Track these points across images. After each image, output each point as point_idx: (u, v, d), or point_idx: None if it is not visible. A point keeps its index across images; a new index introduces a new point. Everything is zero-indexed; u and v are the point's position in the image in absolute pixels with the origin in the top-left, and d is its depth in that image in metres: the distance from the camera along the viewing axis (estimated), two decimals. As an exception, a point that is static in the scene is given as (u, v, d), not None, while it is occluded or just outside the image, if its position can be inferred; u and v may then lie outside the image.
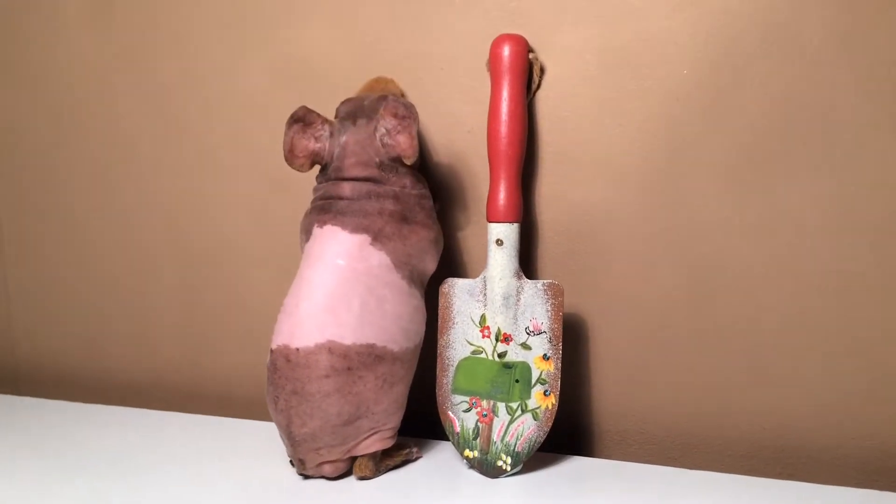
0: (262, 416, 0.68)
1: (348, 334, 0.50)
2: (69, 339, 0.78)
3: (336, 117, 0.55)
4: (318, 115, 0.54)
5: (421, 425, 0.60)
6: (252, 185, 0.68)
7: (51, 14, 0.73)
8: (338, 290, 0.50)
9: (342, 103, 0.56)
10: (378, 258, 0.51)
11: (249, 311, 0.70)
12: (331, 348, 0.49)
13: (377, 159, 0.53)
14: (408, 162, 0.52)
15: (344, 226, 0.52)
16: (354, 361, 0.50)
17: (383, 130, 0.52)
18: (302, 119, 0.54)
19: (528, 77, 0.56)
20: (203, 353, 0.73)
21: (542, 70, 0.57)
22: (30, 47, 0.75)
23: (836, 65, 0.51)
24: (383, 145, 0.53)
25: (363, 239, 0.51)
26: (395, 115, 0.52)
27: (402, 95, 0.60)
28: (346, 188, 0.53)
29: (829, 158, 0.52)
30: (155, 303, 0.74)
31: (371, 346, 0.50)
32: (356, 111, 0.54)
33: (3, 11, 0.75)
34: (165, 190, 0.72)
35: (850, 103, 0.51)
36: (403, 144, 0.52)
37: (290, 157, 0.54)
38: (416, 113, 0.51)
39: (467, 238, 0.61)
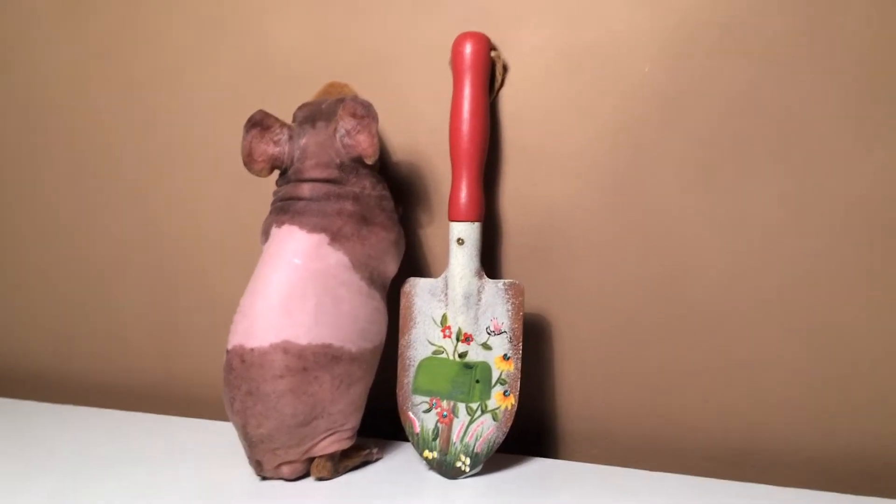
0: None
1: (303, 334, 0.49)
2: (42, 339, 0.78)
3: (294, 122, 0.55)
4: (276, 119, 0.53)
5: (382, 425, 0.60)
6: (223, 182, 0.68)
7: (25, 10, 0.73)
8: (293, 290, 0.50)
9: (299, 108, 0.55)
10: (336, 258, 0.51)
11: (220, 310, 0.69)
12: (285, 348, 0.49)
13: (337, 160, 0.52)
14: (368, 161, 0.52)
15: (302, 225, 0.51)
16: (310, 361, 0.49)
17: (343, 131, 0.52)
18: (259, 123, 0.53)
19: (492, 75, 0.56)
20: (174, 353, 0.72)
21: (505, 68, 0.57)
22: (2, 43, 0.75)
23: (798, 60, 0.51)
24: (343, 146, 0.52)
25: (321, 238, 0.51)
26: (354, 115, 0.52)
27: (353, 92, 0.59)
28: (306, 189, 0.52)
29: (791, 154, 0.52)
30: (126, 302, 0.74)
31: (327, 347, 0.50)
32: (315, 114, 0.54)
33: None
34: (138, 186, 0.72)
35: (812, 99, 0.51)
36: (364, 144, 0.52)
37: (249, 161, 0.53)
38: (375, 112, 0.51)
39: (431, 237, 0.61)
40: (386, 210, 0.54)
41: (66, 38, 0.72)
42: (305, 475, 0.52)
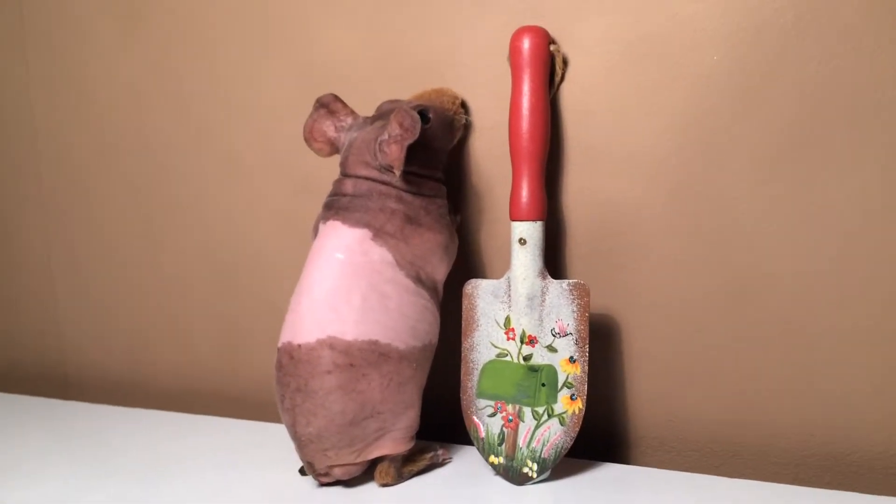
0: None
1: (349, 330, 0.48)
2: (113, 348, 0.80)
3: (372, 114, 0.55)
4: (345, 105, 0.55)
5: (446, 430, 0.59)
6: (278, 191, 0.68)
7: (86, 32, 0.76)
8: (338, 285, 0.49)
9: (384, 102, 0.55)
10: (379, 254, 0.50)
11: (281, 317, 0.70)
12: (332, 344, 0.48)
13: (375, 162, 0.52)
14: (395, 174, 0.49)
15: (344, 220, 0.51)
16: (357, 358, 0.48)
17: (386, 136, 0.50)
18: (326, 105, 0.55)
19: (551, 70, 0.55)
20: (235, 358, 0.73)
21: (565, 62, 0.55)
22: (67, 65, 0.77)
23: (880, 40, 0.48)
24: (380, 150, 0.51)
25: (363, 234, 0.50)
26: (401, 125, 0.49)
27: (456, 100, 0.57)
28: (349, 185, 0.52)
29: (876, 145, 0.48)
30: (189, 311, 0.75)
31: (374, 343, 0.49)
32: (384, 112, 0.54)
33: (42, 32, 0.78)
34: (195, 200, 0.73)
35: (894, 85, 0.47)
36: (392, 155, 0.50)
37: (309, 138, 0.55)
38: (419, 130, 0.49)
39: (493, 237, 0.60)
40: (432, 213, 0.53)
41: (123, 59, 0.74)
42: (363, 479, 0.52)
